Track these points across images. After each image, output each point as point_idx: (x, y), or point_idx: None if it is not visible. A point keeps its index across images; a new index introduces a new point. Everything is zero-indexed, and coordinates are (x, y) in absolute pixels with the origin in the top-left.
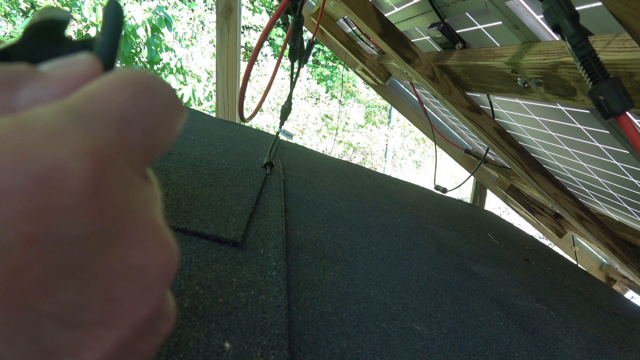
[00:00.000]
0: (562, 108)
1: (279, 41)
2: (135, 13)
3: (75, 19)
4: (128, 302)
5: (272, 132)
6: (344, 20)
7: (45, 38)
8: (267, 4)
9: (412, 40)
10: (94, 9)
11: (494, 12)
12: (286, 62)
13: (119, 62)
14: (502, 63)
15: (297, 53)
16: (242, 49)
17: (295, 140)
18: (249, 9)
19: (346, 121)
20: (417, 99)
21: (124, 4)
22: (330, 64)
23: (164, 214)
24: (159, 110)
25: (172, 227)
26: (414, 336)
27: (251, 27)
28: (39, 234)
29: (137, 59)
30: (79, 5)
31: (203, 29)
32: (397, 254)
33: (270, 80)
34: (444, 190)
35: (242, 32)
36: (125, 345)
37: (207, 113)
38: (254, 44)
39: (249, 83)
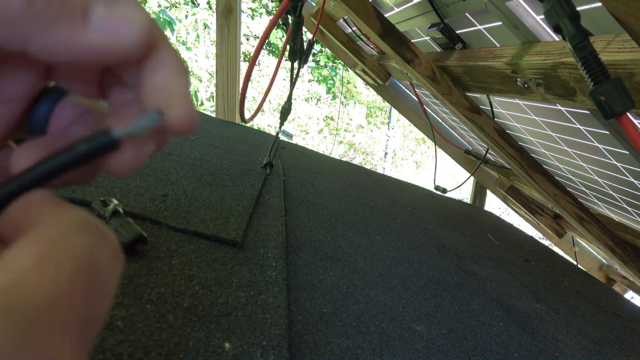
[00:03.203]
0: (562, 108)
1: (279, 42)
2: None
3: None
4: None
5: (273, 132)
6: (344, 20)
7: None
8: (266, 6)
9: (412, 41)
10: None
11: (494, 12)
12: (287, 63)
13: None
14: (502, 63)
15: (297, 53)
16: (242, 53)
17: (296, 140)
18: (249, 15)
19: (348, 122)
20: (417, 99)
21: None
22: (330, 64)
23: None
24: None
25: (172, 227)
26: (414, 336)
27: (251, 36)
28: None
29: None
30: None
31: (205, 29)
32: (397, 255)
33: (271, 81)
34: (444, 190)
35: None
36: None
37: (208, 113)
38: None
39: (249, 84)
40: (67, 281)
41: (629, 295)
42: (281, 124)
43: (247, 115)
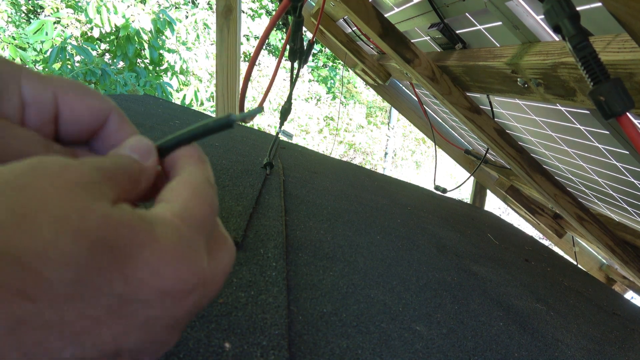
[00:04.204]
0: (562, 108)
1: (278, 44)
2: (141, 16)
3: (79, 21)
4: None
5: (273, 132)
6: (344, 20)
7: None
8: (266, 7)
9: (412, 41)
10: (98, 11)
11: (493, 12)
12: (287, 63)
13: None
14: (502, 63)
15: (297, 53)
16: (243, 53)
17: (296, 140)
18: (249, 15)
19: (348, 122)
20: (417, 99)
21: (128, 6)
22: (330, 64)
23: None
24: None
25: None
26: (414, 336)
27: (252, 36)
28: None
29: (139, 61)
30: (83, 7)
31: (205, 29)
32: (397, 254)
33: (271, 81)
34: (444, 190)
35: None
36: None
37: (208, 113)
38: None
39: (249, 84)
40: (207, 212)
41: (629, 295)
42: (281, 124)
43: None
